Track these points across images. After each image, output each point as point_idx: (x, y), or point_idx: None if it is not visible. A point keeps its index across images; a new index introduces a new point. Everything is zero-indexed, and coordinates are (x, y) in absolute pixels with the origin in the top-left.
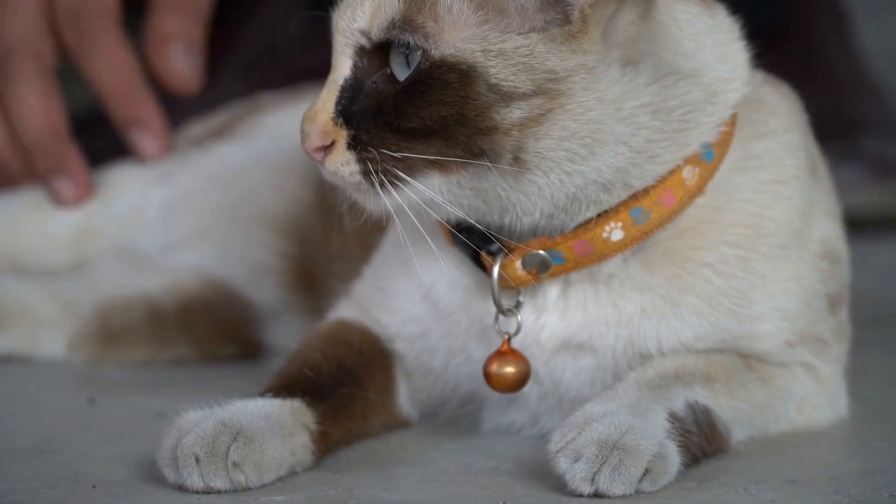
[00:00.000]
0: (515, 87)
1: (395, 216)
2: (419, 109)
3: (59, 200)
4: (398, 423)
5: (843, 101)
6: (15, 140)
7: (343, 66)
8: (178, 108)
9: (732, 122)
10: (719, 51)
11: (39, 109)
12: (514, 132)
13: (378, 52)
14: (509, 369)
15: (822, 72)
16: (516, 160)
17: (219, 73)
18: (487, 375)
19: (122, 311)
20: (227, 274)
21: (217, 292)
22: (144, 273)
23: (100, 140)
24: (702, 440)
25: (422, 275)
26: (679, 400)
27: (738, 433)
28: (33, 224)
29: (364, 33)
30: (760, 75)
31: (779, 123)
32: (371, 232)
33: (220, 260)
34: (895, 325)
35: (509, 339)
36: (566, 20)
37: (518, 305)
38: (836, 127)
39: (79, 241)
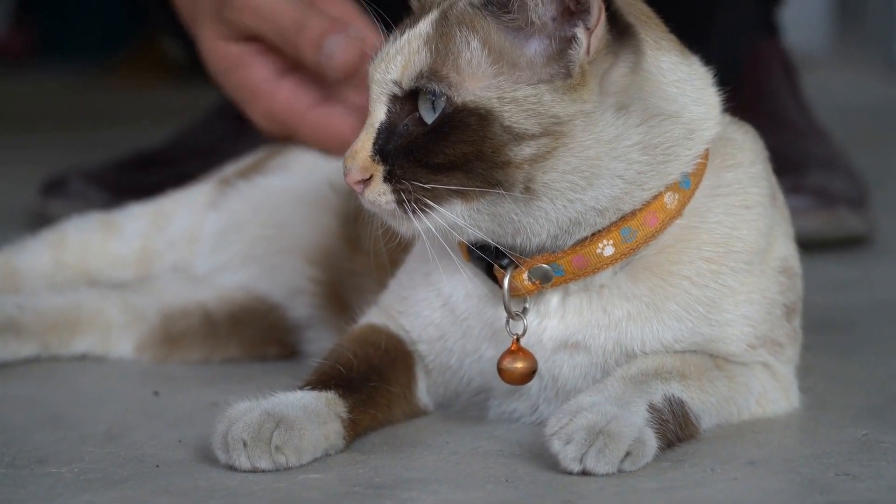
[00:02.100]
0: (526, 129)
1: (424, 238)
2: (445, 147)
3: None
4: (417, 413)
5: (792, 142)
6: None
7: (379, 112)
8: (230, 149)
9: (706, 155)
10: (696, 95)
11: None
12: (525, 166)
13: (408, 98)
14: (519, 365)
15: (773, 115)
16: (527, 189)
17: None
18: (500, 370)
19: (181, 318)
20: (268, 291)
21: (261, 305)
22: (199, 287)
23: (157, 175)
24: (676, 428)
25: (441, 286)
26: (658, 393)
27: (706, 422)
28: (103, 245)
29: (396, 83)
30: (728, 117)
31: (745, 157)
32: (398, 251)
33: (262, 281)
34: (836, 330)
35: (518, 339)
36: (568, 74)
37: (524, 311)
38: (786, 163)
39: (141, 261)
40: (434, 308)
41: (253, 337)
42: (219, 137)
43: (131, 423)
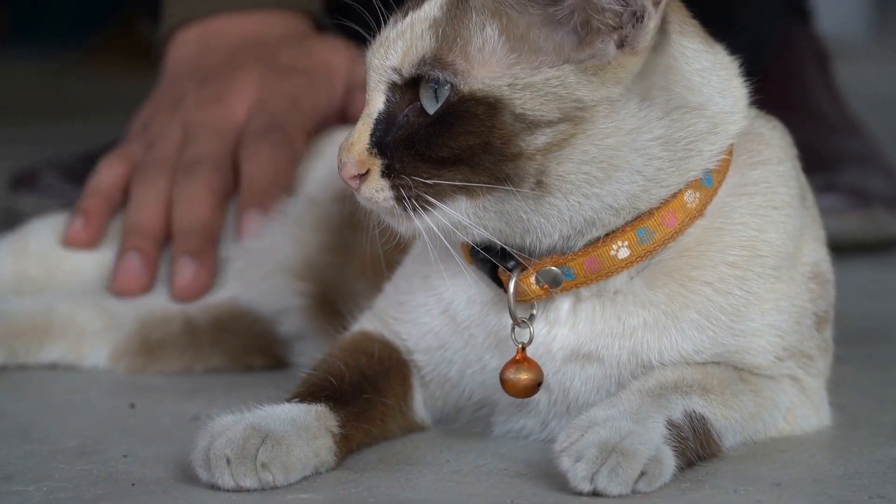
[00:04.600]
0: (542, 116)
1: (426, 237)
2: (448, 140)
3: (177, 278)
4: (414, 428)
5: (825, 136)
6: (165, 218)
7: (377, 101)
8: None
9: (730, 151)
10: (722, 86)
11: (204, 207)
12: (538, 157)
13: (409, 87)
14: (524, 376)
15: (805, 108)
16: (539, 184)
17: None
18: (503, 381)
19: (160, 325)
20: (254, 303)
21: (246, 314)
22: None
23: None
24: (696, 446)
25: (442, 291)
26: (677, 408)
27: (729, 440)
28: (66, 257)
29: (396, 70)
30: (754, 110)
31: (772, 154)
32: (395, 252)
33: (247, 295)
34: (870, 340)
35: (523, 348)
36: (601, 57)
37: (531, 318)
38: (818, 160)
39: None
40: (433, 315)
41: (238, 347)
42: None
43: (105, 438)
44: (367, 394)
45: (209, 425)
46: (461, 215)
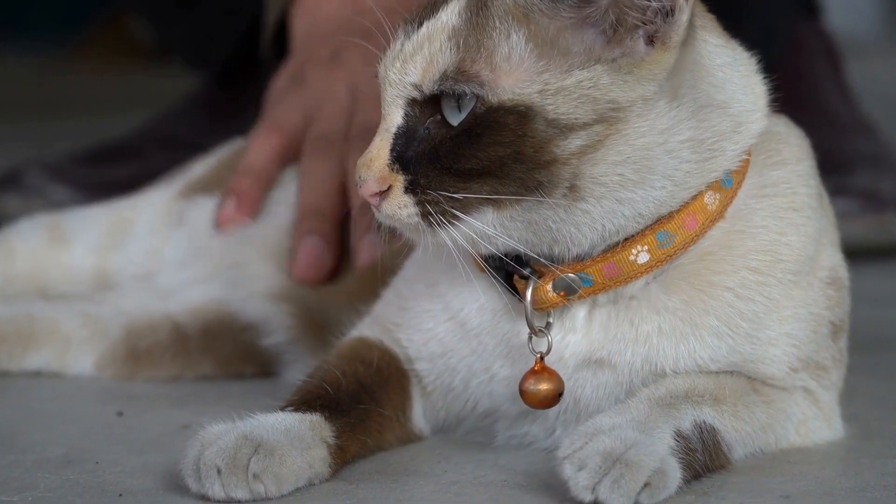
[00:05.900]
0: (576, 119)
1: (451, 248)
2: (476, 151)
3: (362, 256)
4: (412, 438)
5: (836, 137)
6: (343, 195)
7: (395, 116)
8: (204, 141)
9: (748, 151)
10: (743, 83)
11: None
12: (573, 160)
13: (429, 101)
14: (543, 386)
15: (815, 108)
16: (571, 189)
17: (241, 117)
18: (523, 393)
19: (147, 332)
20: (241, 310)
21: (234, 321)
22: (167, 299)
23: (123, 169)
24: (705, 458)
25: (450, 298)
26: (687, 419)
27: (739, 451)
28: (53, 259)
29: (416, 87)
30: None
31: (791, 153)
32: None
33: (235, 297)
34: (882, 349)
35: (542, 357)
36: (632, 55)
37: (548, 326)
38: (829, 161)
39: (98, 275)
40: (438, 321)
41: (228, 354)
42: (192, 128)
43: (91, 447)
44: (364, 404)
45: (199, 434)
46: (486, 226)
